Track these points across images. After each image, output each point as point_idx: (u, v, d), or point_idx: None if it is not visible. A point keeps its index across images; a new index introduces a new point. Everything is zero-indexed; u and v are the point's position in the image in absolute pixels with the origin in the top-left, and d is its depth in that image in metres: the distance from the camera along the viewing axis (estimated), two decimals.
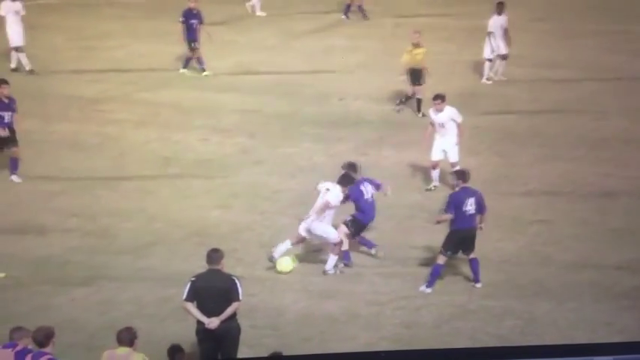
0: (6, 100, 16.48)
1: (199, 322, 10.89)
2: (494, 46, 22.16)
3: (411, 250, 14.68)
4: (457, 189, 13.58)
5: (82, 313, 12.73)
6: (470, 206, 13.37)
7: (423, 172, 17.45)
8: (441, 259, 13.50)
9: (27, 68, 22.34)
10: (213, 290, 10.81)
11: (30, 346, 10.17)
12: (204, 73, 22.66)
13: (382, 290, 13.53)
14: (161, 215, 15.69)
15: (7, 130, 16.35)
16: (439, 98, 16.72)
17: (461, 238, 13.46)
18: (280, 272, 13.79)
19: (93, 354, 10.76)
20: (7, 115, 16.42)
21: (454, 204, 13.35)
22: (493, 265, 14.01)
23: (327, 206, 13.72)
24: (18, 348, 10.12)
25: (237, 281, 10.90)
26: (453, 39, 25.44)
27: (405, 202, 16.31)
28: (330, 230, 13.85)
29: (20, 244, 14.66)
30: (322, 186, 14.00)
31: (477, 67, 22.91)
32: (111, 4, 29.26)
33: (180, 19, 22.53)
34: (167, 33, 25.83)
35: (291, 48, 25.30)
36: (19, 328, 10.34)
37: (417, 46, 20.19)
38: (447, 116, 16.63)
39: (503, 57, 22.37)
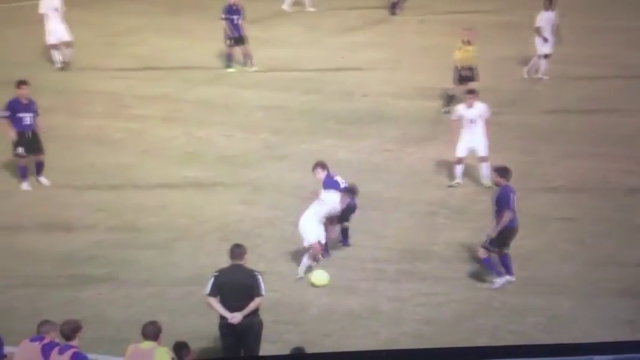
0: (25, 102, 15.96)
1: (222, 317, 11.01)
2: (539, 43, 21.90)
3: (433, 247, 14.75)
4: (502, 186, 13.39)
5: (107, 307, 12.90)
6: (515, 203, 13.38)
7: (446, 168, 17.49)
8: (485, 253, 13.41)
9: (57, 65, 22.52)
10: (236, 285, 10.93)
11: (57, 340, 10.34)
12: (230, 70, 22.79)
13: (403, 286, 13.59)
14: (185, 211, 15.84)
15: (30, 133, 15.97)
16: (473, 93, 16.64)
17: (512, 235, 13.40)
18: (314, 285, 13.48)
19: (118, 347, 10.91)
20: (27, 117, 15.91)
21: (513, 200, 13.25)
22: (515, 262, 13.99)
23: (315, 194, 13.74)
24: (45, 341, 10.28)
25: (259, 277, 11.02)
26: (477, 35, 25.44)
27: (427, 198, 16.39)
28: (309, 230, 13.58)
29: (46, 239, 14.84)
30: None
31: (500, 64, 22.87)
32: (132, 0, 29.48)
33: (222, 16, 22.60)
34: (190, 29, 26.12)
35: (315, 44, 25.40)
36: (46, 322, 10.52)
37: (468, 43, 20.02)
38: (478, 112, 16.54)
39: (546, 56, 22.11)
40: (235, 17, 22.57)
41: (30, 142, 16.04)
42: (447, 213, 15.95)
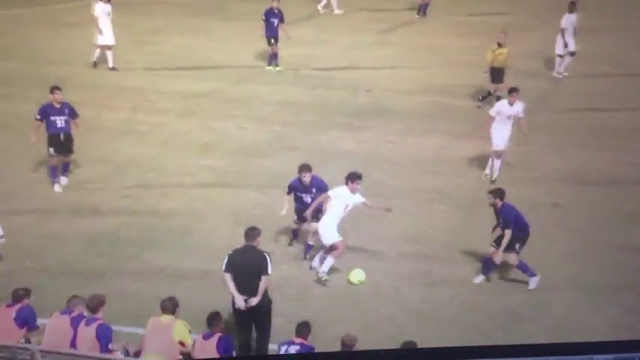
0: (57, 106, 15.86)
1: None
2: (567, 43, 22.14)
3: (429, 231, 14.91)
4: (501, 206, 13.12)
5: (131, 283, 13.13)
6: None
7: (444, 158, 17.67)
8: (517, 259, 13.24)
9: (110, 65, 22.74)
10: (247, 264, 11.13)
11: (85, 313, 10.64)
12: (277, 69, 22.90)
13: (402, 267, 13.76)
14: (202, 197, 16.04)
15: (62, 135, 15.85)
16: (515, 91, 16.55)
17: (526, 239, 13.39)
18: (351, 283, 13.24)
19: (141, 320, 11.10)
20: (59, 120, 15.81)
21: (519, 214, 13.16)
22: None
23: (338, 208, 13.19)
24: (74, 314, 10.57)
25: (267, 257, 11.17)
26: (479, 34, 25.63)
27: (426, 186, 16.54)
28: (329, 231, 13.22)
29: (75, 221, 15.07)
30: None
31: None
32: (160, 2, 29.70)
33: (263, 18, 22.71)
34: (208, 30, 26.33)
35: (325, 43, 25.56)
36: (74, 297, 10.81)
37: (501, 45, 19.96)
38: (517, 110, 16.52)
39: (572, 53, 22.34)
40: (276, 20, 22.64)
41: (61, 143, 15.99)
42: (444, 200, 16.07)
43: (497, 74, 19.96)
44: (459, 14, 28.49)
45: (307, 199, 13.75)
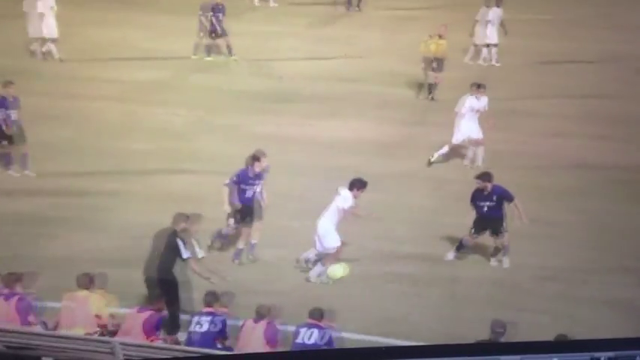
0: (11, 99, 15.26)
1: (144, 271, 10.90)
2: (490, 34, 21.97)
3: None
4: (492, 188, 12.87)
5: (52, 261, 12.41)
6: None
7: (352, 140, 17.31)
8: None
9: (56, 57, 22.01)
10: (160, 244, 10.92)
11: (6, 290, 10.00)
12: (208, 58, 22.33)
13: (312, 239, 13.25)
14: (134, 177, 15.42)
15: (14, 127, 15.17)
16: (482, 87, 16.24)
17: None
18: (333, 278, 12.33)
19: (60, 295, 10.56)
20: (13, 113, 15.21)
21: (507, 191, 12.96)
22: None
23: (340, 211, 12.16)
24: None
25: (179, 242, 10.86)
26: (400, 28, 25.50)
27: (338, 164, 16.08)
28: (329, 236, 12.20)
29: (8, 202, 14.34)
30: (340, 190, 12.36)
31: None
32: None
33: (210, 13, 22.29)
34: (138, 22, 25.56)
35: (253, 35, 24.96)
36: None
37: (441, 37, 19.65)
38: (483, 103, 16.21)
39: (495, 45, 22.28)
40: (219, 15, 22.27)
41: (15, 135, 15.26)
42: (355, 176, 15.64)
43: (437, 63, 19.72)
44: (381, 9, 28.27)
45: (250, 192, 12.57)
